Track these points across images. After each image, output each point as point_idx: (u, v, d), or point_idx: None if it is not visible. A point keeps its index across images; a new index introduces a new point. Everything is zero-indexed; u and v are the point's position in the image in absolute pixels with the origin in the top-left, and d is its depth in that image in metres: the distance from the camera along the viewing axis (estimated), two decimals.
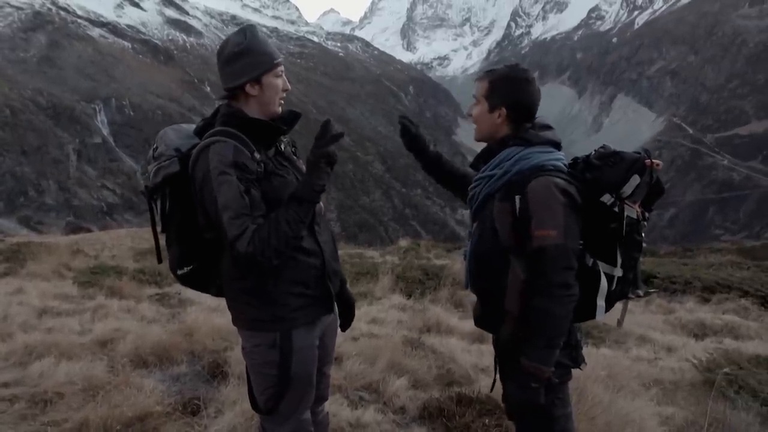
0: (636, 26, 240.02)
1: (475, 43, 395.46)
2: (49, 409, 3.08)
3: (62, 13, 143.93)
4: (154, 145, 2.05)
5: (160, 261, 2.19)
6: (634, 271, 2.07)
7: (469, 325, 5.71)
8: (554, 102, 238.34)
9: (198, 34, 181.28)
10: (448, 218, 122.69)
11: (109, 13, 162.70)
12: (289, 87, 2.10)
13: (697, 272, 10.44)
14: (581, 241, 2.01)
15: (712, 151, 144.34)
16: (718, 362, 4.56)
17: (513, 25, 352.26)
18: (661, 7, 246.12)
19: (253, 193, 1.87)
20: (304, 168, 2.05)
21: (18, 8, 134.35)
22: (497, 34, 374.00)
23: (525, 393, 1.99)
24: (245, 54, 1.99)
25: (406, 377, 3.76)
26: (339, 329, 2.33)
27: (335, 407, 3.18)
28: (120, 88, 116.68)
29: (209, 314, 4.95)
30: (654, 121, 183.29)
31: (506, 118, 2.13)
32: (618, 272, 2.02)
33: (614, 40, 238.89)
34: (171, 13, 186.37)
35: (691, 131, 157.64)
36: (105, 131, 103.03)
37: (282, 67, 2.06)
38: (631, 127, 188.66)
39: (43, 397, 3.18)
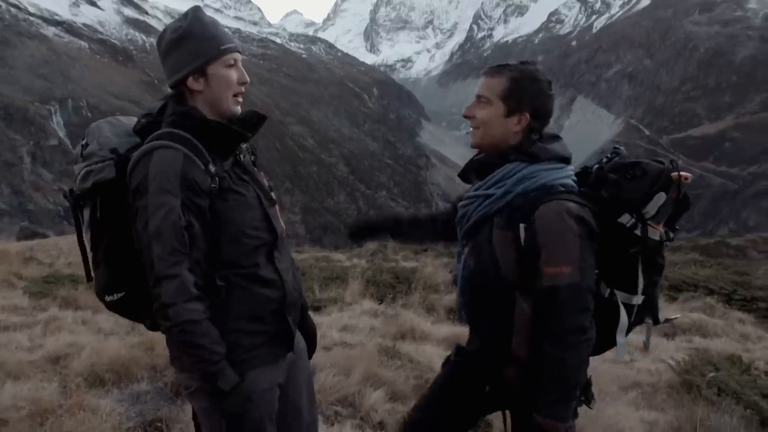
0: (594, 30, 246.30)
1: (437, 46, 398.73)
2: None
3: (13, 9, 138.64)
4: (84, 141, 1.70)
5: (90, 279, 1.77)
6: (654, 296, 1.80)
7: (443, 329, 5.58)
8: None
9: (158, 34, 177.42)
10: None
11: (64, 12, 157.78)
12: (247, 80, 1.73)
13: (664, 271, 10.61)
14: (596, 270, 1.71)
15: (668, 152, 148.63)
16: (694, 363, 4.54)
17: (475, 27, 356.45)
18: (618, 12, 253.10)
19: (195, 229, 1.55)
20: (265, 182, 1.80)
21: None
22: (460, 36, 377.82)
23: None
24: (184, 40, 1.64)
25: (383, 389, 3.58)
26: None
27: None
28: (77, 88, 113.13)
29: None
30: (613, 122, 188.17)
31: (526, 126, 1.78)
32: (638, 300, 1.73)
33: (573, 43, 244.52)
34: (129, 12, 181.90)
35: (647, 132, 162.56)
36: (61, 133, 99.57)
37: (235, 56, 1.69)
38: (591, 128, 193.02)
39: None
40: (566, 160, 1.80)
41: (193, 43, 1.64)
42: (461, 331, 5.17)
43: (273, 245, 1.75)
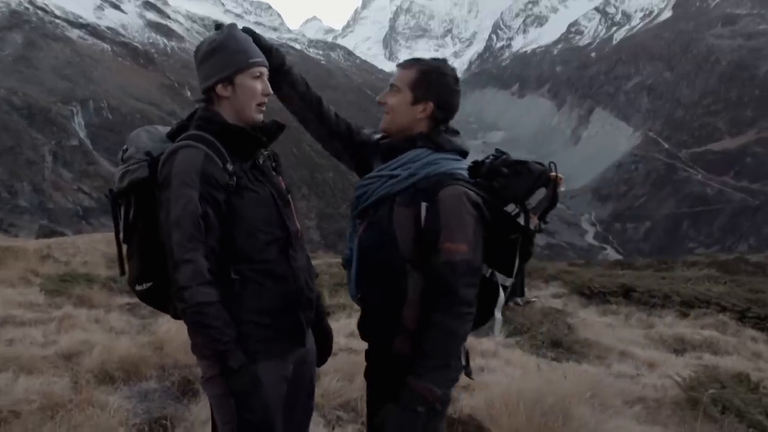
0: (614, 42, 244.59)
1: (456, 55, 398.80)
2: (2, 429, 2.87)
3: (40, 12, 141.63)
4: (125, 146, 1.89)
5: (123, 273, 1.94)
6: (519, 279, 1.98)
7: None
8: (534, 114, 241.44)
9: (179, 38, 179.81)
10: None
11: (88, 14, 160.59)
12: (271, 92, 1.92)
13: (676, 286, 10.50)
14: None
15: (687, 165, 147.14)
16: (701, 380, 4.51)
17: (494, 37, 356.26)
18: (638, 24, 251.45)
19: (210, 218, 1.72)
20: (283, 185, 1.96)
21: None
22: (478, 46, 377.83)
23: (406, 417, 1.76)
24: (218, 51, 1.84)
25: None
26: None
27: (311, 427, 3.02)
28: (98, 90, 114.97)
29: (181, 326, 4.72)
30: (631, 135, 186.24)
31: (430, 115, 1.95)
32: (510, 282, 1.92)
33: (593, 54, 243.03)
34: (152, 16, 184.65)
35: (666, 146, 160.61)
36: (82, 134, 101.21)
37: (262, 70, 1.89)
38: (609, 140, 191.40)
39: None
40: (464, 154, 2.00)
41: (225, 54, 1.83)
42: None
43: (287, 243, 1.88)
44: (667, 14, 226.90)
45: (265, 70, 1.90)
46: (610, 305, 9.64)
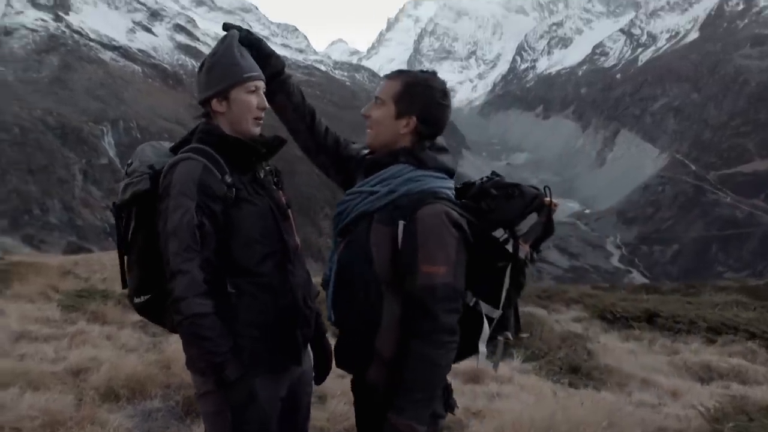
0: (639, 63, 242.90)
1: (480, 76, 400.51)
2: None
3: (75, 36, 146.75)
4: (130, 161, 1.92)
5: (125, 286, 1.93)
6: (510, 312, 1.84)
7: (462, 363, 5.46)
8: (558, 135, 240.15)
9: None
10: None
11: (121, 37, 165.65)
12: (266, 105, 1.91)
13: (702, 312, 10.16)
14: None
15: (715, 188, 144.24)
16: (726, 411, 4.30)
17: (518, 59, 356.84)
18: (665, 45, 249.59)
19: (206, 228, 1.73)
20: (283, 199, 1.95)
21: (33, 30, 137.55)
22: (503, 67, 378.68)
23: None
24: (215, 65, 1.87)
25: None
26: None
27: None
28: (128, 110, 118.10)
29: None
30: (657, 157, 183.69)
31: (413, 129, 1.84)
32: (497, 314, 1.77)
33: (618, 76, 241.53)
34: (182, 38, 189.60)
35: (694, 168, 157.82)
36: (112, 152, 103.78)
37: (257, 83, 1.88)
38: (635, 162, 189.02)
39: None
40: (450, 173, 1.87)
41: (219, 69, 1.85)
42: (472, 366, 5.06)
43: (285, 257, 1.87)
44: (694, 35, 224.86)
45: (261, 84, 1.89)
46: (633, 330, 9.36)
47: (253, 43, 1.97)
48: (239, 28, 1.95)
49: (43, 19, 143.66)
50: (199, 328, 1.69)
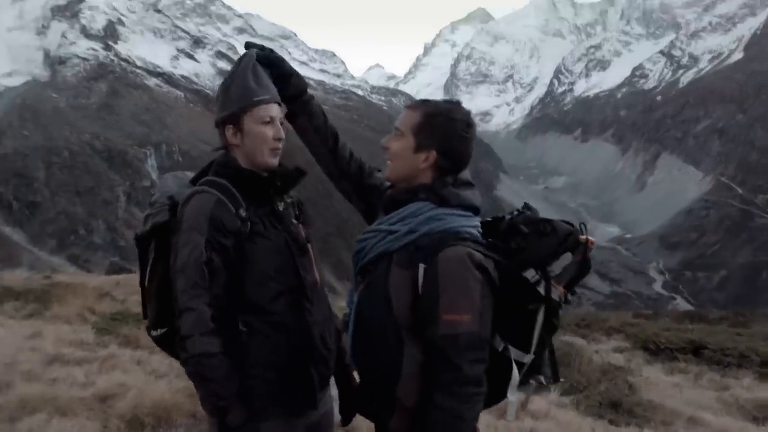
0: (681, 85, 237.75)
1: (517, 100, 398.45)
2: None
3: (123, 63, 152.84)
4: (153, 191, 1.91)
5: (146, 316, 1.87)
6: (545, 355, 1.73)
7: None
8: (597, 159, 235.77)
9: None
10: None
11: (165, 64, 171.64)
12: (282, 136, 1.82)
13: (754, 344, 9.61)
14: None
15: (764, 211, 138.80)
16: None
17: (556, 82, 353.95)
18: (707, 66, 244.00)
19: (215, 263, 1.66)
20: (302, 234, 1.86)
21: (84, 59, 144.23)
22: (540, 90, 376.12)
23: None
24: (227, 88, 1.81)
25: None
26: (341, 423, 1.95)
27: None
28: (171, 135, 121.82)
29: None
30: (701, 180, 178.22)
31: (434, 164, 1.72)
32: (528, 359, 1.66)
33: (659, 98, 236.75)
34: (223, 65, 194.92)
35: (740, 191, 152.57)
36: (154, 175, 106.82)
37: (271, 114, 1.79)
38: (677, 185, 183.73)
39: None
40: (475, 210, 1.75)
41: (231, 91, 1.80)
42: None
43: (301, 294, 1.78)
44: (738, 55, 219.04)
45: (275, 110, 1.80)
46: (678, 363, 8.90)
47: (273, 63, 1.88)
48: (261, 47, 1.89)
49: (93, 49, 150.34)
50: (203, 368, 1.63)
